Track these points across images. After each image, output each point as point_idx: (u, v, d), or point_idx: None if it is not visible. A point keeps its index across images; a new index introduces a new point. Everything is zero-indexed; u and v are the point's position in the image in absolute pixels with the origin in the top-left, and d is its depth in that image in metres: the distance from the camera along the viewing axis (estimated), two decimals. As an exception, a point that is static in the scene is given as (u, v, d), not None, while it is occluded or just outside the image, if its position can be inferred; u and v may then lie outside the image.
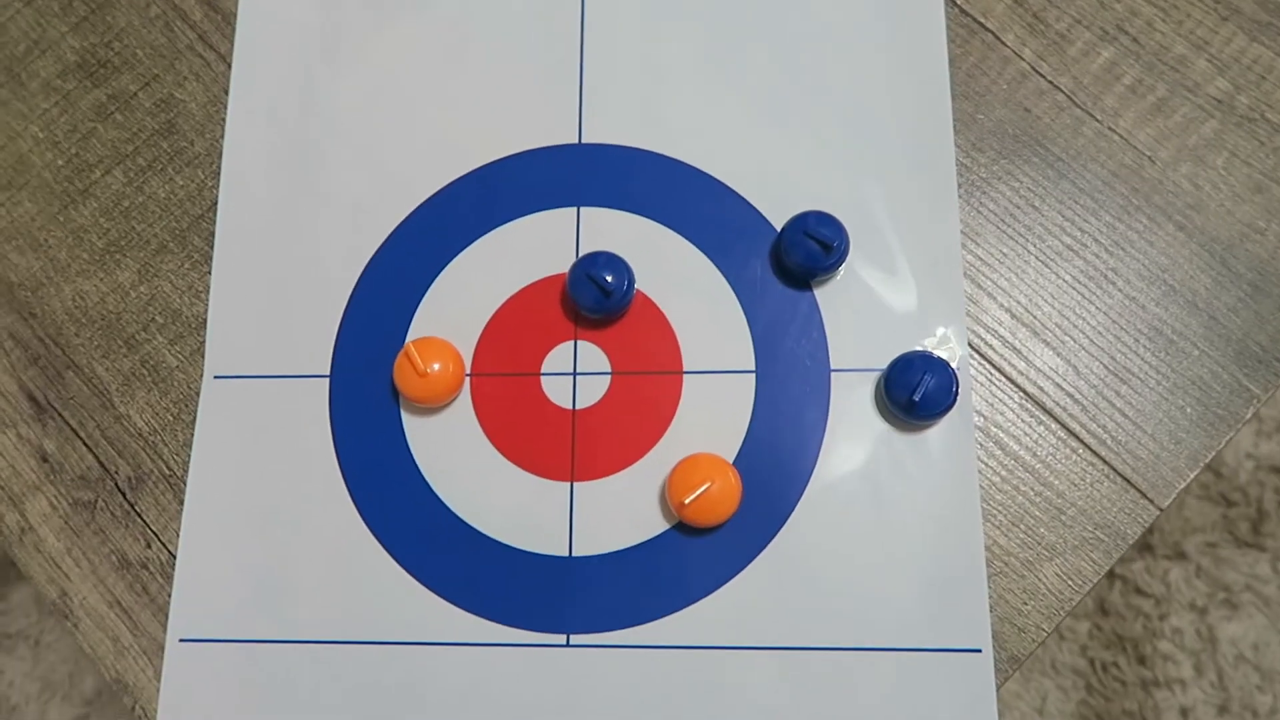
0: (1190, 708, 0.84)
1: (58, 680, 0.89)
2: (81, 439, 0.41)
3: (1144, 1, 0.43)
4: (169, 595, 0.39)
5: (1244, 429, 0.87)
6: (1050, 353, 0.39)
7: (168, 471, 0.40)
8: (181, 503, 0.40)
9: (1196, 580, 0.87)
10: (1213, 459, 0.89)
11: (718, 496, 0.37)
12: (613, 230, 0.42)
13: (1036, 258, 0.40)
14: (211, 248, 0.43)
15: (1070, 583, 0.37)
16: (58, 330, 0.42)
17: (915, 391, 0.37)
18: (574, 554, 0.39)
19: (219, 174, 0.44)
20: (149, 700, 0.38)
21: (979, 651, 0.36)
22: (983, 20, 0.43)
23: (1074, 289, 0.40)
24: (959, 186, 0.41)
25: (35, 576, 0.40)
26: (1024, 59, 0.43)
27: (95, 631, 0.39)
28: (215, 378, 0.41)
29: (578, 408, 0.40)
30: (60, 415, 0.41)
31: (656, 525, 0.39)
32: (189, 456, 0.40)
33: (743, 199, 0.42)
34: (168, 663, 0.38)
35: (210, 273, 0.42)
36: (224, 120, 0.44)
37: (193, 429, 0.41)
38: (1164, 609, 0.86)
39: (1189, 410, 0.38)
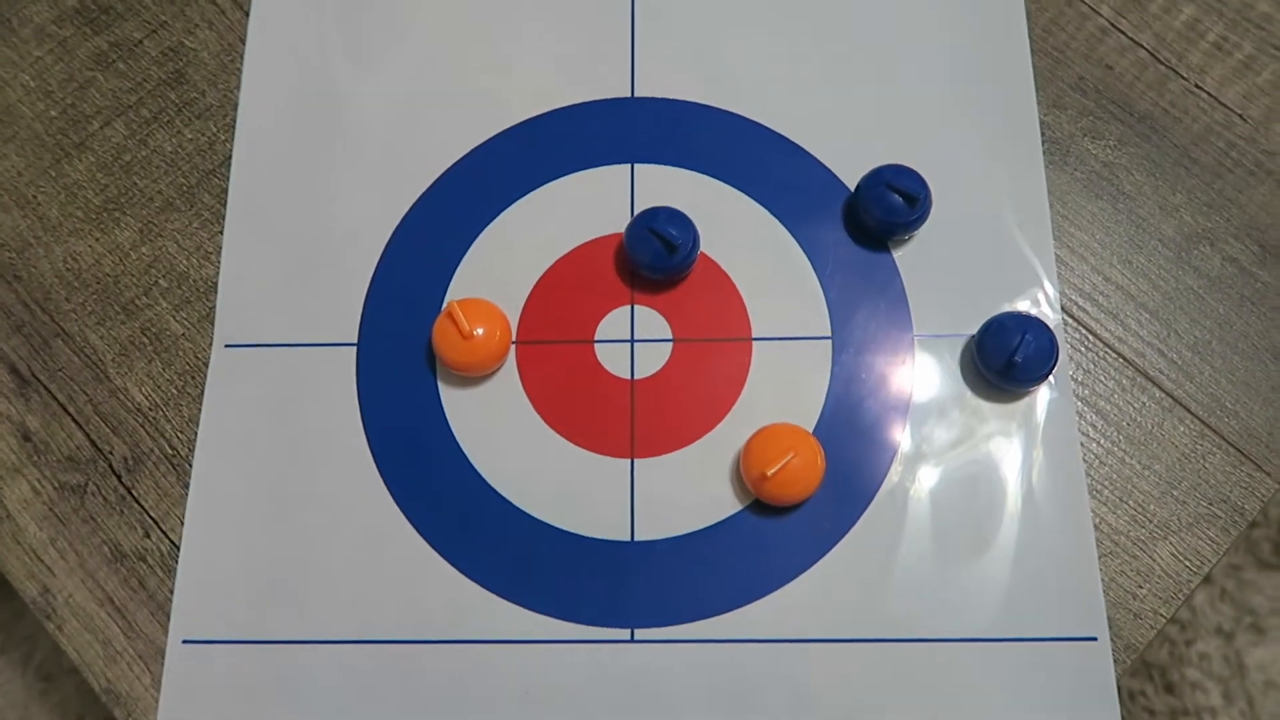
0: (1221, 737, 0.80)
1: (7, 726, 0.81)
2: (70, 415, 0.36)
3: (1222, -41, 0.41)
4: (170, 591, 0.34)
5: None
6: (1149, 317, 0.36)
7: (170, 451, 0.36)
8: (186, 486, 0.35)
9: (1221, 604, 0.84)
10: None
11: (801, 469, 0.33)
12: (670, 188, 0.38)
13: (1129, 218, 0.38)
14: (224, 205, 0.39)
15: (1187, 563, 0.34)
16: (45, 295, 0.38)
17: (1016, 353, 0.33)
18: (636, 539, 0.34)
19: (233, 126, 0.40)
20: (145, 712, 0.33)
21: (1094, 640, 0.33)
22: (1057, -24, 0.41)
23: (1169, 250, 0.37)
24: (1043, 144, 0.38)
25: (11, 571, 0.35)
26: (1102, 15, 0.40)
27: (82, 634, 0.34)
28: (226, 346, 0.37)
29: (636, 378, 0.36)
30: (46, 389, 0.36)
31: (728, 506, 0.34)
32: (195, 434, 0.36)
33: (811, 156, 0.39)
34: (168, 668, 0.33)
35: (222, 232, 0.38)
36: (239, 70, 0.40)
37: (199, 403, 0.36)
38: (1190, 634, 0.83)
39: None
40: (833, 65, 0.40)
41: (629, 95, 0.40)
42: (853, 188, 0.38)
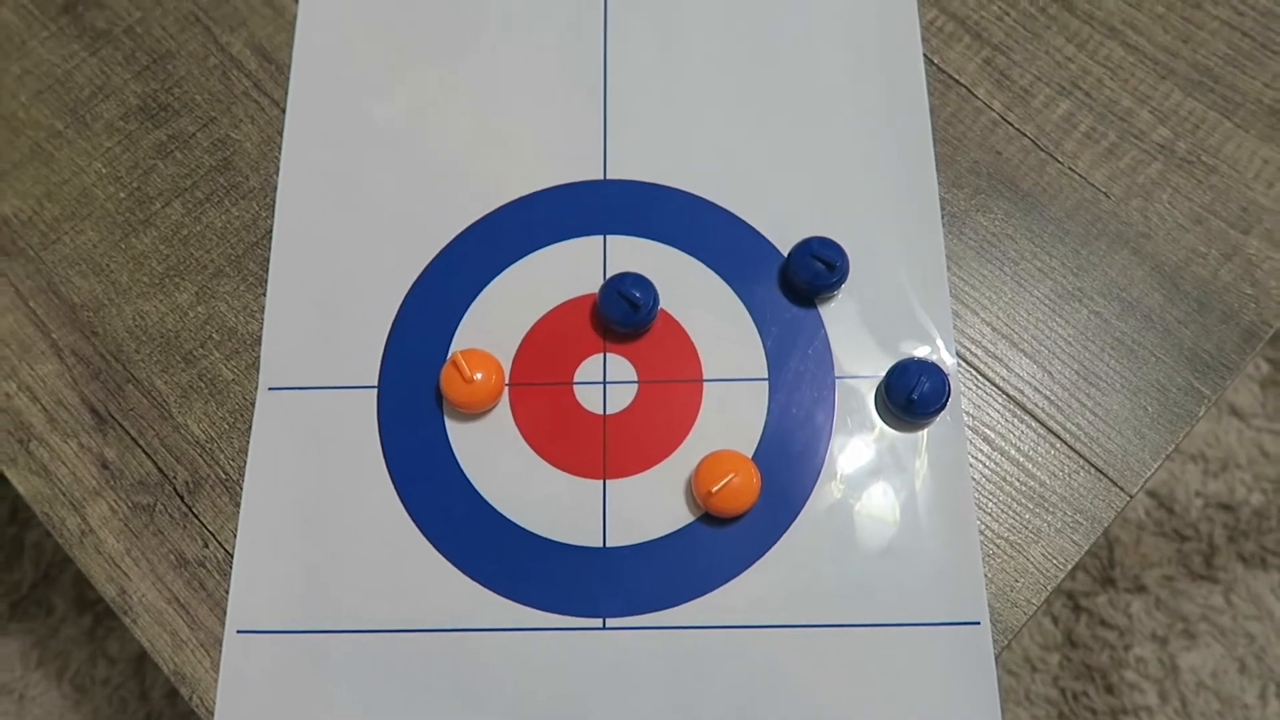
0: (1157, 734, 0.87)
1: (38, 735, 0.88)
2: (141, 447, 0.44)
3: (1094, 62, 0.50)
4: (226, 591, 0.42)
5: (1192, 468, 0.93)
6: (1027, 361, 0.44)
7: (224, 476, 0.43)
8: (238, 505, 0.43)
9: (1156, 612, 0.92)
10: (1165, 495, 0.95)
11: (740, 487, 0.41)
12: (636, 255, 0.46)
13: (1012, 278, 0.46)
14: (265, 272, 0.46)
15: (1054, 561, 0.41)
16: (118, 347, 0.45)
17: (913, 392, 0.42)
18: (608, 545, 0.42)
19: (273, 205, 0.48)
20: (206, 690, 0.40)
21: (978, 624, 0.40)
22: (957, 77, 0.49)
23: (1045, 305, 0.45)
24: (942, 217, 0.47)
25: (95, 576, 0.42)
26: (994, 110, 0.49)
27: (154, 627, 0.41)
28: (269, 389, 0.44)
29: (608, 413, 0.44)
30: (120, 425, 0.44)
31: (683, 517, 0.42)
32: (244, 462, 0.43)
33: (752, 228, 0.47)
34: (226, 654, 0.41)
35: (265, 294, 0.46)
36: (278, 158, 0.48)
37: (248, 437, 0.44)
38: (1128, 640, 0.91)
39: (1150, 409, 0.43)
40: (771, 150, 0.48)
41: (602, 178, 0.48)
42: (786, 254, 0.46)
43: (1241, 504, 0.91)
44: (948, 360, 0.44)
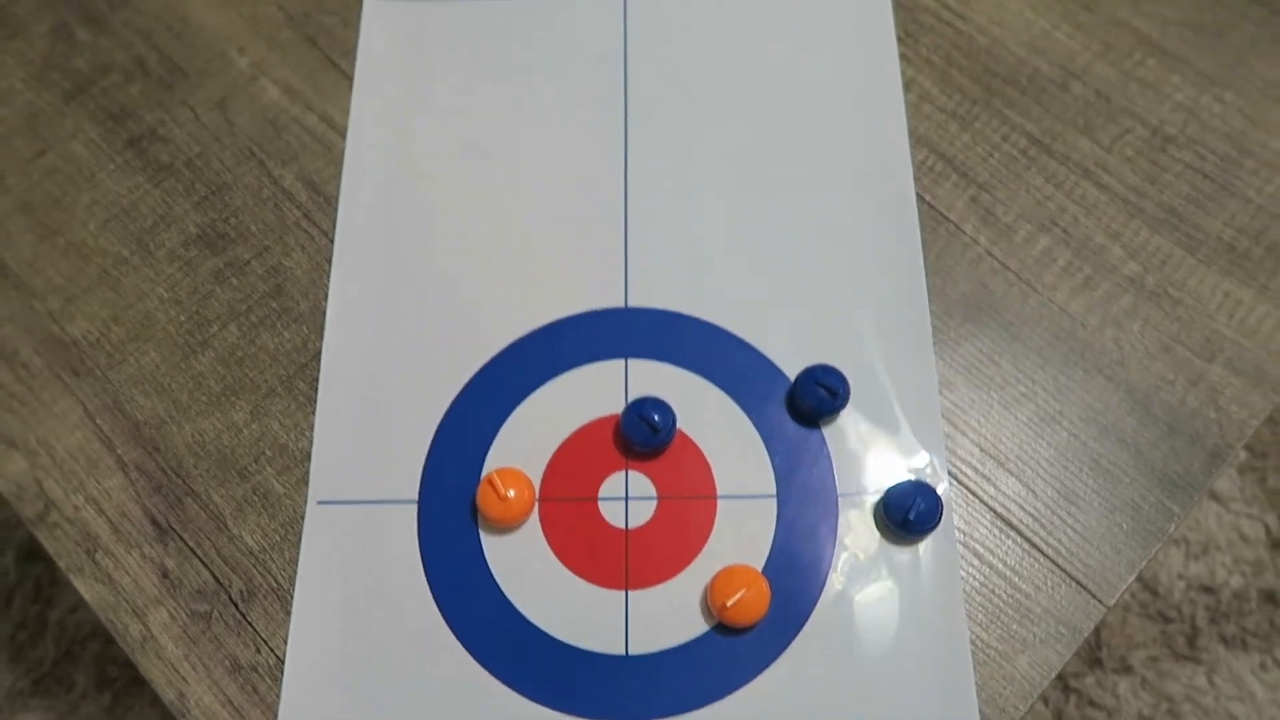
0: (1147, 813, 0.90)
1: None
2: (199, 557, 0.47)
3: (1070, 202, 0.55)
4: (277, 695, 0.45)
5: (1175, 552, 0.97)
6: (1013, 480, 0.49)
7: (276, 585, 0.47)
8: (288, 613, 0.46)
9: (1143, 692, 0.95)
10: (1149, 578, 0.98)
11: (752, 601, 0.45)
12: (655, 378, 0.51)
13: (999, 402, 0.50)
14: (315, 391, 0.51)
15: (1039, 669, 0.45)
16: (178, 462, 0.49)
17: (909, 513, 0.46)
18: (630, 652, 0.46)
19: (322, 329, 0.52)
20: (258, 789, 0.44)
21: (971, 730, 0.44)
22: (947, 214, 0.54)
23: (1029, 428, 0.50)
24: (934, 344, 0.51)
25: (155, 680, 0.45)
26: (980, 244, 0.54)
27: (209, 728, 0.45)
28: (318, 503, 0.48)
29: (630, 528, 0.48)
30: (180, 537, 0.48)
31: (699, 626, 0.46)
32: (295, 572, 0.47)
33: (761, 353, 0.51)
34: (276, 755, 0.44)
35: (314, 413, 0.50)
36: (326, 284, 0.53)
37: (298, 548, 0.47)
38: None
39: (1125, 526, 0.47)
40: (779, 281, 0.53)
41: (623, 304, 0.52)
42: (792, 379, 0.50)
43: (1222, 586, 0.95)
44: (941, 479, 0.48)
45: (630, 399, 0.50)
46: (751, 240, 0.54)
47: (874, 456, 0.49)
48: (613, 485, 0.49)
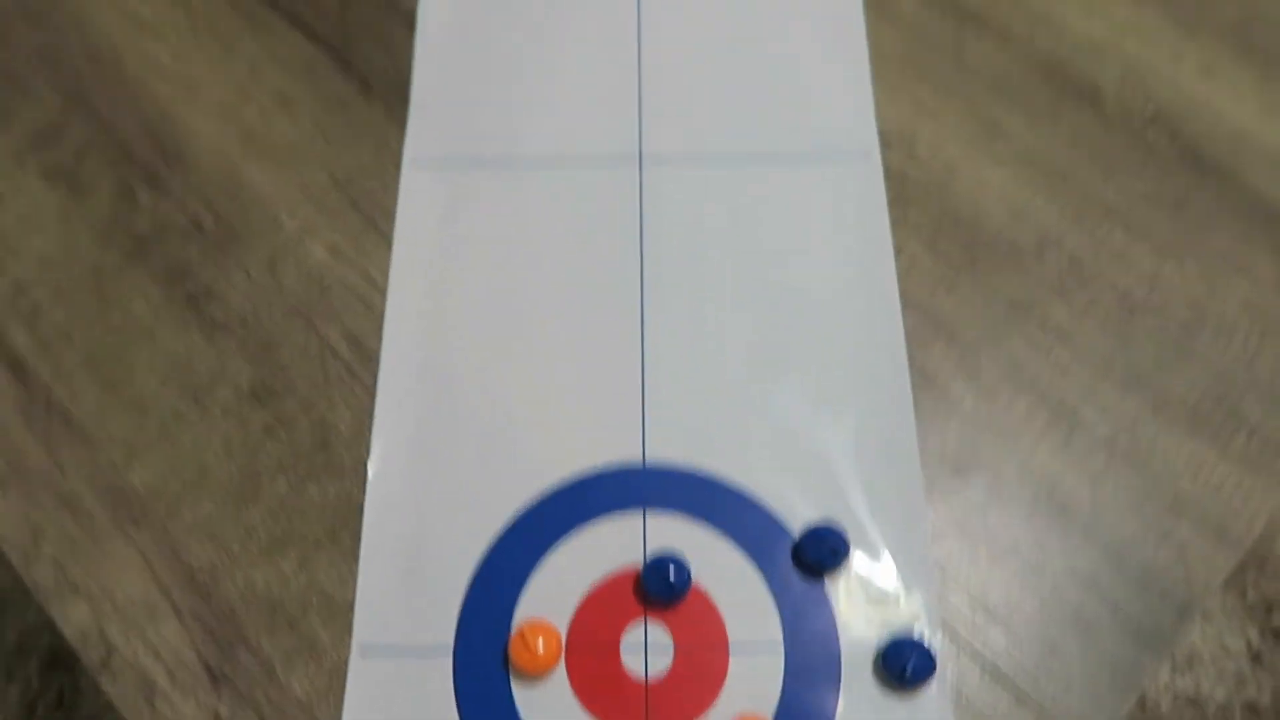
0: None
1: None
2: (250, 705, 0.51)
3: (1047, 365, 0.60)
4: (321, 838, 0.48)
5: (1163, 667, 1.01)
6: (1001, 631, 0.53)
7: (321, 730, 0.51)
8: (332, 757, 0.50)
9: (1130, 796, 0.98)
10: (1136, 698, 1.02)
11: (764, 750, 0.49)
12: (672, 531, 0.55)
13: (985, 556, 0.55)
14: (357, 543, 0.55)
15: (1029, 816, 0.49)
16: (230, 611, 0.53)
17: (906, 667, 0.50)
18: (650, 797, 0.49)
19: (364, 483, 0.56)
20: None
21: None
22: (934, 377, 0.60)
23: (1014, 581, 0.54)
24: (926, 499, 0.56)
25: (207, 822, 0.49)
26: (965, 407, 0.59)
27: None
28: (361, 652, 0.52)
29: (650, 677, 0.52)
30: (232, 683, 0.52)
31: (714, 772, 0.50)
32: (340, 717, 0.51)
33: (767, 511, 0.56)
34: None
35: (358, 563, 0.54)
36: (368, 438, 0.57)
37: (342, 695, 0.51)
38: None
39: (1104, 679, 0.52)
40: (784, 443, 0.58)
41: (641, 462, 0.57)
42: (797, 535, 0.55)
43: (1207, 699, 0.99)
44: (936, 631, 0.53)
45: (648, 550, 0.54)
46: (760, 403, 0.59)
47: (873, 609, 0.53)
48: (633, 635, 0.53)
